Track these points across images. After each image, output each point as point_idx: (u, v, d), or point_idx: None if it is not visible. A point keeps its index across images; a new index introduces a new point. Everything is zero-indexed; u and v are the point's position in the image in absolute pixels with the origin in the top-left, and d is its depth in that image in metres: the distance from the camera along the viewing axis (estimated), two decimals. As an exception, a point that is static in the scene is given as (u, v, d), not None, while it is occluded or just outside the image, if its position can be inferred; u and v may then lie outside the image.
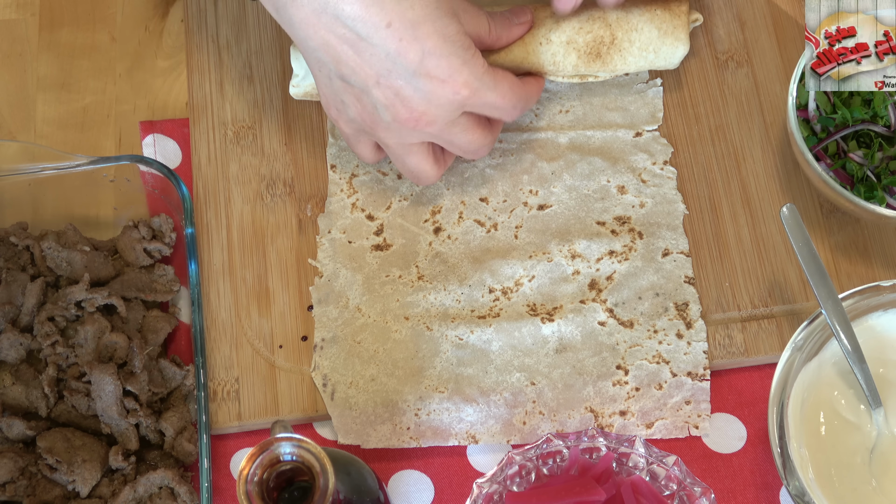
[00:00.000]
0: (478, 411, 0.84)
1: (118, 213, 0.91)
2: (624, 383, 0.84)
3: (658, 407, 0.84)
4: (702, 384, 0.84)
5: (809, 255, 0.80)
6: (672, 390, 0.84)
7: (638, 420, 0.83)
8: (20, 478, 0.80)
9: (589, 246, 0.88)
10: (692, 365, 0.84)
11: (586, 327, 0.85)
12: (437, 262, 0.88)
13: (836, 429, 0.79)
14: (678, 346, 0.85)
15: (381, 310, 0.86)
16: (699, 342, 0.85)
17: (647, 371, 0.84)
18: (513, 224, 0.89)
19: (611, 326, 0.85)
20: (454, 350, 0.85)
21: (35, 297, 0.85)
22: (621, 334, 0.85)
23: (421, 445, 0.83)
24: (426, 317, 0.86)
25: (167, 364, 0.85)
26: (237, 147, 0.92)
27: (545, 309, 0.86)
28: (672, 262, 0.87)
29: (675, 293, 0.86)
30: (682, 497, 0.76)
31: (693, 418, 0.84)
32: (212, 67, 0.95)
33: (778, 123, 0.92)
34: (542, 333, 0.85)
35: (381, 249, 0.88)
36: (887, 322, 0.81)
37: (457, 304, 0.86)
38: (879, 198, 0.83)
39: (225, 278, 0.88)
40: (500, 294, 0.87)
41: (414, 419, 0.84)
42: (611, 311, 0.86)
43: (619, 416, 0.83)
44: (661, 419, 0.84)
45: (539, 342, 0.85)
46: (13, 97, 0.96)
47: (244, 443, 0.86)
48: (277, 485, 0.67)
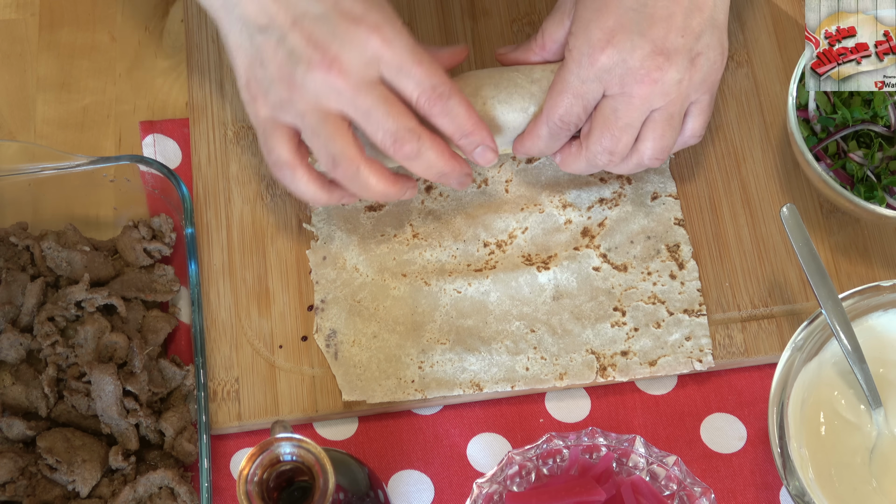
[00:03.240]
0: (480, 360, 0.85)
1: (118, 213, 0.91)
2: (622, 324, 0.85)
3: (659, 345, 0.85)
4: (699, 319, 0.86)
5: (809, 255, 0.80)
6: (671, 328, 0.85)
7: (640, 359, 0.85)
8: (20, 478, 0.80)
9: (579, 195, 0.89)
10: (687, 303, 0.86)
11: (581, 273, 0.87)
12: (430, 219, 0.89)
13: (836, 429, 0.79)
14: (672, 286, 0.87)
15: (379, 268, 0.87)
16: (692, 281, 0.87)
17: (643, 311, 0.86)
18: (503, 178, 0.90)
19: (605, 271, 0.87)
20: (453, 303, 0.86)
21: (35, 297, 0.85)
22: (616, 278, 0.87)
23: (426, 397, 0.84)
24: (423, 273, 0.87)
25: (167, 364, 0.85)
26: (237, 147, 0.92)
27: (540, 258, 0.88)
28: (661, 205, 0.89)
29: (665, 235, 0.88)
30: (682, 497, 0.76)
31: (695, 353, 0.85)
32: (212, 67, 0.95)
33: (778, 123, 0.92)
34: (539, 282, 0.87)
35: (374, 210, 0.89)
36: (887, 322, 0.81)
37: (452, 259, 0.88)
38: (879, 198, 0.83)
39: (225, 278, 0.88)
40: (495, 247, 0.88)
41: (418, 372, 0.85)
42: (604, 257, 0.87)
43: (621, 357, 0.85)
44: (664, 356, 0.85)
45: (536, 290, 0.87)
46: (13, 97, 0.96)
47: (244, 443, 0.86)
48: (277, 485, 0.67)
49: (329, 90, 0.77)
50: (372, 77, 0.78)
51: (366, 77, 0.77)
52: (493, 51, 0.94)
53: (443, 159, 0.80)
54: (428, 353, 0.85)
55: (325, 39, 0.77)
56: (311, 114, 0.78)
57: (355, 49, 0.77)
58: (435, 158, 0.80)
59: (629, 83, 0.79)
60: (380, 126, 0.78)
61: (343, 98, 0.77)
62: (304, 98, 0.78)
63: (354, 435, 0.86)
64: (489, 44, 0.95)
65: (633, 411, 0.86)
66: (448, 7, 0.97)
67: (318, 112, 0.78)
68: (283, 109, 0.79)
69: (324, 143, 0.78)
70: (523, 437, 0.86)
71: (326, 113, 0.78)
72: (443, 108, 0.79)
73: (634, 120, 0.80)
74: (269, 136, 0.80)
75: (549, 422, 0.86)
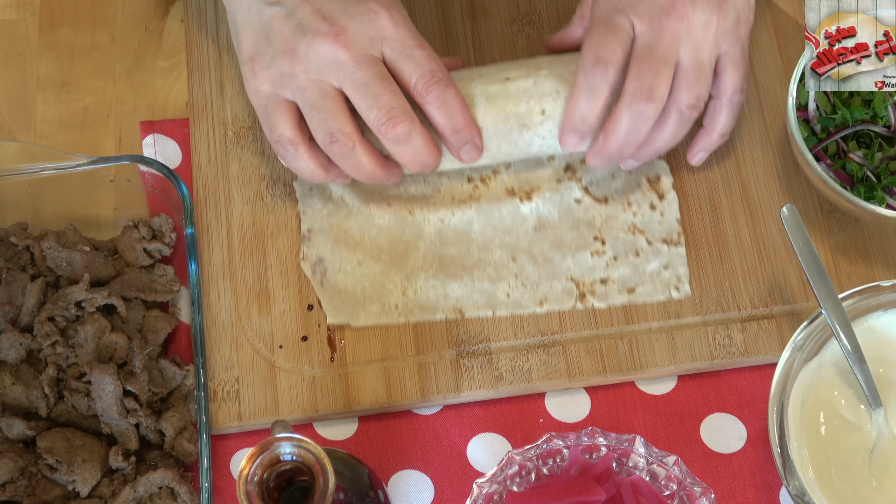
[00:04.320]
0: (463, 287, 0.87)
1: (118, 213, 0.91)
2: (602, 253, 0.87)
3: (637, 274, 0.87)
4: (678, 249, 0.88)
5: (809, 255, 0.80)
6: (649, 257, 0.87)
7: (619, 287, 0.87)
8: (20, 478, 0.80)
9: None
10: (666, 232, 0.88)
11: (563, 205, 0.89)
12: None
13: (836, 429, 0.79)
14: (652, 216, 0.88)
15: (364, 199, 0.89)
16: (671, 212, 0.88)
17: (623, 241, 0.88)
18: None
19: (586, 203, 0.89)
20: (437, 232, 0.88)
21: (35, 297, 0.85)
22: (597, 209, 0.89)
23: (409, 322, 0.86)
24: (408, 203, 0.89)
25: (167, 364, 0.85)
26: (237, 147, 0.92)
27: (523, 190, 0.89)
28: None
29: (647, 168, 0.90)
30: (682, 497, 0.76)
31: (673, 281, 0.87)
32: (212, 67, 0.95)
33: (778, 123, 0.92)
34: (521, 212, 0.89)
35: None
36: (887, 322, 0.81)
37: (437, 193, 0.89)
38: (879, 198, 0.83)
39: (225, 278, 0.88)
40: (479, 182, 0.90)
41: (401, 298, 0.87)
42: (586, 189, 0.89)
43: (600, 285, 0.87)
44: (641, 285, 0.87)
45: (518, 220, 0.89)
46: (13, 97, 0.96)
47: (244, 443, 0.86)
48: (277, 485, 0.67)
49: (331, 62, 0.79)
50: (374, 53, 0.79)
51: (369, 52, 0.79)
52: (493, 51, 0.94)
53: (428, 148, 0.82)
54: (412, 280, 0.87)
55: (335, 13, 0.79)
56: (311, 87, 0.80)
57: (363, 24, 0.79)
58: (422, 146, 0.81)
59: (657, 16, 0.80)
60: (375, 101, 0.79)
61: (343, 71, 0.79)
62: (307, 70, 0.79)
63: (354, 435, 0.86)
64: (489, 44, 0.95)
65: (633, 411, 0.86)
66: (448, 7, 0.97)
67: (318, 86, 0.80)
68: (285, 84, 0.80)
69: (322, 119, 0.80)
70: (523, 437, 0.86)
71: (327, 88, 0.80)
72: (439, 95, 0.80)
73: (669, 54, 0.80)
74: (271, 113, 0.81)
75: (549, 422, 0.86)
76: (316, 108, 0.80)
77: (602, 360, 0.86)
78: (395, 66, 0.80)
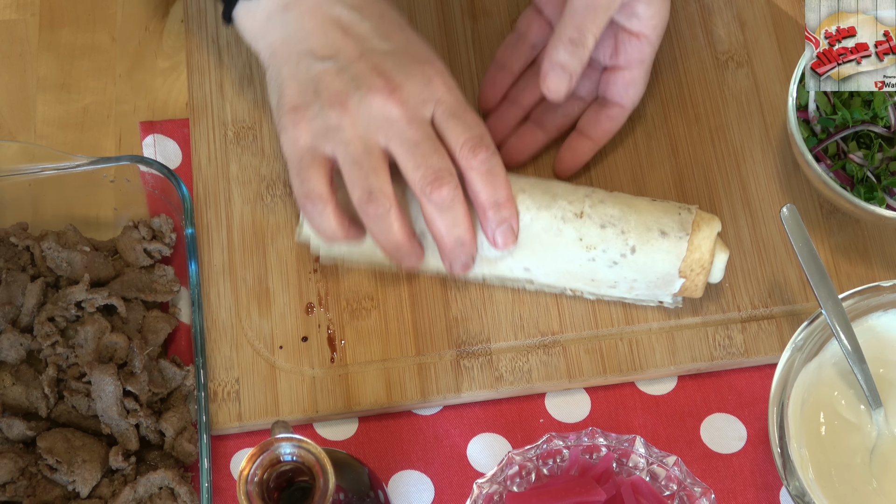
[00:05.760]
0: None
1: (118, 213, 0.91)
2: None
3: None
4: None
5: (809, 255, 0.80)
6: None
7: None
8: (20, 478, 0.80)
9: None
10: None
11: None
12: None
13: (836, 429, 0.79)
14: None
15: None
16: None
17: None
18: None
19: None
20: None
21: (35, 298, 0.85)
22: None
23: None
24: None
25: (167, 364, 0.85)
26: (237, 147, 0.92)
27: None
28: None
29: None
30: (682, 497, 0.76)
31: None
32: (212, 67, 0.95)
33: (778, 123, 0.92)
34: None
35: None
36: (887, 322, 0.81)
37: None
38: (879, 199, 0.83)
39: (225, 278, 0.88)
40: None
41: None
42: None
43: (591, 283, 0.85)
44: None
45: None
46: (13, 97, 0.96)
47: (244, 443, 0.86)
48: (278, 485, 0.67)
49: (382, 118, 0.78)
50: (425, 114, 0.79)
51: (420, 112, 0.78)
52: (493, 51, 0.94)
53: (465, 223, 0.80)
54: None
55: (391, 71, 0.79)
56: (357, 142, 0.78)
57: (418, 84, 0.78)
58: (462, 216, 0.79)
59: None
60: (424, 160, 0.77)
61: (394, 128, 0.78)
62: (355, 125, 0.78)
63: (354, 435, 0.86)
64: (489, 44, 0.95)
65: (633, 411, 0.86)
66: (448, 7, 0.97)
67: (364, 142, 0.78)
68: (328, 137, 0.78)
69: (364, 175, 0.78)
70: (523, 437, 0.86)
71: (373, 145, 0.78)
72: (485, 160, 0.79)
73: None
74: (307, 167, 0.79)
75: (549, 422, 0.86)
76: (359, 163, 0.78)
77: (602, 361, 0.86)
78: (443, 128, 0.79)
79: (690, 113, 0.93)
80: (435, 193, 0.78)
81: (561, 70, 0.83)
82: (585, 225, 0.82)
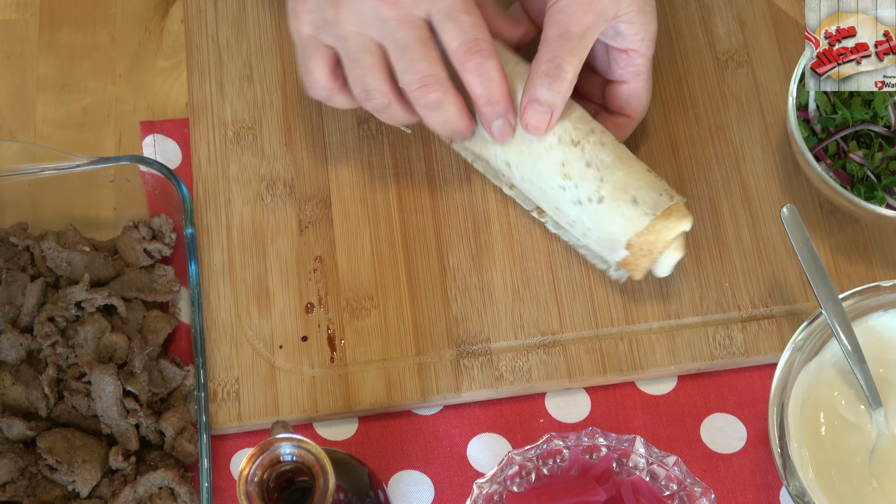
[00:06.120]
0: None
1: (118, 213, 0.91)
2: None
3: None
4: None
5: (809, 255, 0.80)
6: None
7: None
8: (20, 478, 0.80)
9: None
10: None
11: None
12: None
13: (836, 429, 0.79)
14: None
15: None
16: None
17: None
18: None
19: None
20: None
21: (35, 298, 0.85)
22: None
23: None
24: None
25: (167, 364, 0.85)
26: (237, 147, 0.92)
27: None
28: None
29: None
30: (682, 497, 0.76)
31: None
32: (212, 67, 0.95)
33: (778, 123, 0.92)
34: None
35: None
36: (887, 322, 0.81)
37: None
38: (879, 198, 0.83)
39: (225, 278, 0.88)
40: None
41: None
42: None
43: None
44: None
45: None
46: (13, 97, 0.96)
47: (244, 443, 0.86)
48: (277, 485, 0.67)
49: (375, 17, 0.77)
50: (419, 14, 0.77)
51: (413, 12, 0.77)
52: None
53: (460, 116, 0.80)
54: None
55: None
56: (353, 40, 0.78)
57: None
58: (454, 114, 0.80)
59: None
60: (411, 66, 0.78)
61: (386, 28, 0.77)
62: (350, 21, 0.78)
63: (354, 435, 0.86)
64: (489, 44, 0.95)
65: (633, 411, 0.86)
66: (448, 7, 0.97)
67: (360, 40, 0.78)
68: (326, 30, 0.79)
69: (360, 74, 0.79)
70: (523, 437, 0.86)
71: (368, 43, 0.78)
72: (478, 64, 0.78)
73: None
74: (308, 57, 0.81)
75: (549, 422, 0.86)
76: (355, 61, 0.79)
77: (602, 361, 0.86)
78: (438, 30, 0.78)
79: (690, 113, 0.93)
80: (421, 99, 0.79)
81: (539, 106, 0.80)
82: (574, 154, 0.81)
